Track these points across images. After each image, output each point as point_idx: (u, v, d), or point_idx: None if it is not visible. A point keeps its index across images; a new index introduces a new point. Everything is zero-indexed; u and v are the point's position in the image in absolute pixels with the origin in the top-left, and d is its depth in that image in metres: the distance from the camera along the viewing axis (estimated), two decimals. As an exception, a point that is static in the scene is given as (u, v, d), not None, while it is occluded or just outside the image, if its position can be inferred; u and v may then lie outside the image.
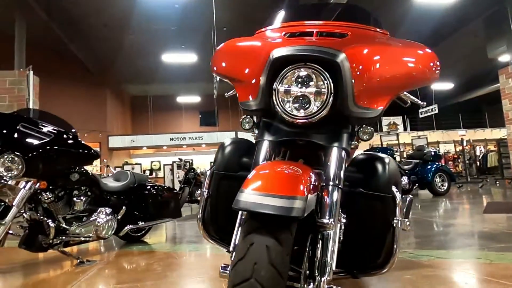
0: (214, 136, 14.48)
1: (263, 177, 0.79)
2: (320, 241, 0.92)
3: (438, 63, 1.24)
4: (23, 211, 2.54)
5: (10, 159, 2.39)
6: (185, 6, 9.12)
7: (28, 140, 2.49)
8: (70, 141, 2.72)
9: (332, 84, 1.00)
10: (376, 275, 1.22)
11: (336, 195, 0.99)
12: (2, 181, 2.48)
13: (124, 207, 3.21)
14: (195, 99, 17.07)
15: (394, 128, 17.85)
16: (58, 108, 11.13)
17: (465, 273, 1.92)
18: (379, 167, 1.19)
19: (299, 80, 1.02)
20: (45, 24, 9.19)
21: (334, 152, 1.06)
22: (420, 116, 13.82)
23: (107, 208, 2.97)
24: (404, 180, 7.20)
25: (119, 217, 3.11)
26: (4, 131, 2.49)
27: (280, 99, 1.03)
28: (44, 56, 10.73)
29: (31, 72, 7.56)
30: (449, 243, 2.76)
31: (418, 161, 7.55)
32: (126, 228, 3.20)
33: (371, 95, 1.09)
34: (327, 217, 0.93)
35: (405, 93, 1.47)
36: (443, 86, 16.53)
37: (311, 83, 1.01)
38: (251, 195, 0.71)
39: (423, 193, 7.70)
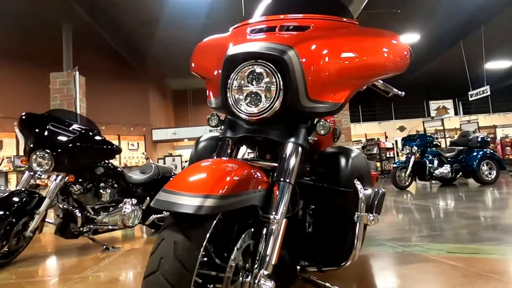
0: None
1: (185, 176, 0.84)
2: (264, 236, 0.95)
3: (406, 51, 1.19)
4: (56, 202, 2.82)
5: (41, 155, 2.65)
6: (216, 0, 9.26)
7: (56, 138, 2.74)
8: (93, 138, 2.95)
9: (281, 81, 1.01)
10: (338, 269, 1.22)
11: (285, 191, 1.00)
12: (36, 175, 2.78)
13: (148, 198, 3.41)
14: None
15: (444, 112, 16.70)
16: (104, 104, 11.96)
17: (466, 270, 1.82)
18: (341, 161, 1.17)
19: (251, 77, 1.04)
20: (89, 26, 9.81)
21: (288, 148, 1.07)
22: (470, 99, 12.79)
23: (132, 199, 3.18)
24: (446, 168, 6.80)
25: (144, 207, 3.32)
26: (37, 130, 2.77)
27: (234, 97, 1.06)
28: (90, 56, 11.48)
29: (77, 72, 8.18)
30: (473, 236, 2.60)
31: (462, 148, 7.06)
32: (151, 217, 3.40)
33: (327, 88, 1.09)
34: (273, 213, 0.96)
35: (381, 82, 1.42)
36: (498, 65, 15.12)
37: (262, 80, 1.03)
38: (167, 194, 0.76)
39: (471, 181, 7.20)
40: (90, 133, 2.96)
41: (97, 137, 3.01)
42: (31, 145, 2.70)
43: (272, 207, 0.98)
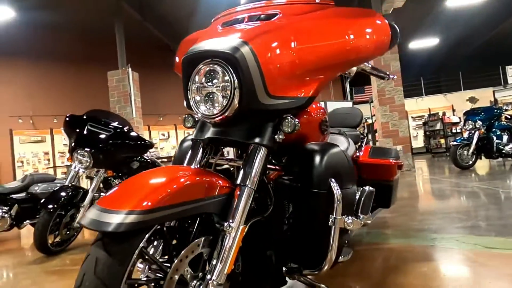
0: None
1: (118, 191, 0.84)
2: (220, 243, 0.93)
3: (386, 31, 1.06)
4: (98, 195, 3.08)
5: (81, 154, 2.90)
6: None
7: (94, 137, 2.97)
8: (126, 135, 3.14)
9: (235, 79, 0.96)
10: (313, 274, 1.15)
11: (244, 197, 0.96)
12: (80, 171, 3.05)
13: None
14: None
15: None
16: (159, 97, 12.63)
17: (497, 270, 1.59)
18: (315, 159, 1.09)
19: (208, 77, 1.01)
20: (139, 23, 10.33)
21: (251, 149, 1.02)
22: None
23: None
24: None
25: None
26: (77, 130, 3.03)
27: (194, 98, 1.04)
28: (143, 52, 12.11)
29: (130, 69, 8.72)
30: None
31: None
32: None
33: (290, 83, 1.01)
34: (230, 220, 0.93)
35: (368, 65, 1.27)
36: None
37: (218, 79, 0.99)
38: (94, 211, 0.77)
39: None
40: (123, 130, 3.15)
41: (131, 134, 3.19)
42: (73, 144, 2.96)
43: (227, 214, 0.94)
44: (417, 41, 13.64)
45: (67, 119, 3.12)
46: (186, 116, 1.23)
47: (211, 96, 1.01)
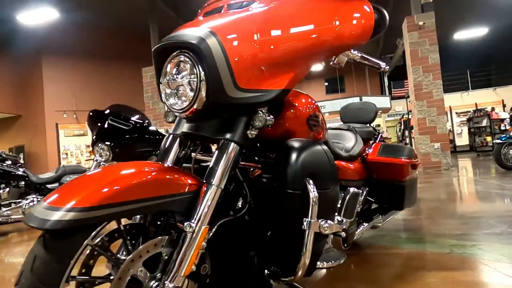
0: (337, 103, 13.96)
1: (66, 187, 0.82)
2: (181, 243, 0.89)
3: (368, 16, 0.96)
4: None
5: (101, 147, 3.01)
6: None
7: (113, 131, 3.06)
8: (145, 129, 3.20)
9: (201, 71, 0.91)
10: (285, 282, 1.07)
11: (209, 196, 0.92)
12: (101, 164, 3.17)
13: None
14: (318, 67, 16.72)
15: None
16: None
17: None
18: (290, 157, 1.01)
19: (177, 69, 0.97)
20: (174, 21, 10.57)
21: (220, 145, 0.97)
22: None
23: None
24: None
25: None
26: (99, 124, 3.14)
27: (164, 91, 1.01)
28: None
29: (163, 65, 8.94)
30: None
31: None
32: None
33: (261, 74, 0.95)
34: (192, 220, 0.89)
35: (358, 54, 1.16)
36: None
37: (186, 72, 0.95)
38: (40, 207, 0.76)
39: None
40: (143, 125, 3.21)
41: (149, 128, 3.25)
42: (94, 138, 3.08)
43: (190, 213, 0.90)
44: (463, 31, 12.72)
45: (90, 114, 3.25)
46: (167, 110, 1.20)
47: (180, 89, 0.97)
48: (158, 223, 0.97)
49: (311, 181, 0.99)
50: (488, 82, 15.32)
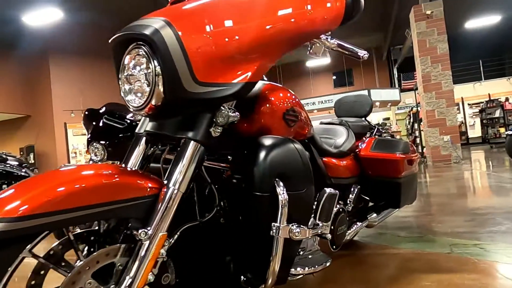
0: (345, 97, 13.75)
1: (7, 192, 0.76)
2: (136, 253, 0.83)
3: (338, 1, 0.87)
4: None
5: (96, 147, 2.97)
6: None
7: (107, 130, 3.02)
8: (139, 128, 3.16)
9: (156, 64, 0.84)
10: None
11: (167, 201, 0.85)
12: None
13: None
14: (325, 60, 16.50)
15: None
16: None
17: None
18: (257, 157, 0.93)
19: (133, 63, 0.90)
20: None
21: (181, 145, 0.90)
22: None
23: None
24: None
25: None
26: (94, 123, 3.10)
27: (123, 87, 0.94)
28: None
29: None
30: None
31: None
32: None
33: (223, 66, 0.87)
34: (147, 227, 0.82)
35: (334, 41, 1.07)
36: None
37: (142, 65, 0.88)
38: None
39: None
40: (138, 123, 3.16)
41: (144, 126, 3.21)
42: (89, 137, 3.04)
43: (146, 220, 0.83)
44: (474, 19, 12.32)
45: (86, 112, 3.20)
46: None
47: (137, 84, 0.90)
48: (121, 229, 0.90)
49: (280, 182, 0.90)
50: (501, 72, 14.86)
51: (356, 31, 14.07)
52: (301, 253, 1.29)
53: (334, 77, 18.38)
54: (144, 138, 1.05)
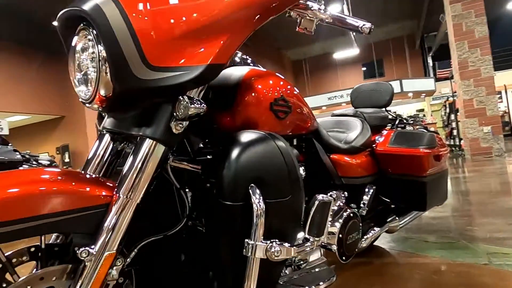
0: (375, 89, 13.14)
1: None
2: (79, 274, 0.69)
3: None
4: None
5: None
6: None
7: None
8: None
9: (101, 47, 0.69)
10: None
11: (117, 212, 0.70)
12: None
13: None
14: (354, 51, 15.91)
15: None
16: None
17: None
18: (228, 158, 0.76)
19: (80, 47, 0.76)
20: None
21: (137, 144, 0.75)
22: None
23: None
24: None
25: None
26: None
27: (72, 75, 0.80)
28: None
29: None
30: None
31: None
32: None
33: (181, 46, 0.72)
34: (92, 245, 0.68)
35: (328, 13, 0.86)
36: None
37: (89, 50, 0.74)
38: None
39: None
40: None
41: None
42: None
43: (92, 236, 0.69)
44: (518, -1, 11.31)
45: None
46: None
47: (88, 72, 0.76)
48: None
49: (256, 189, 0.73)
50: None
51: (386, 19, 13.42)
52: (302, 266, 1.11)
53: (364, 69, 17.74)
54: (107, 136, 0.91)
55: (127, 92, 0.72)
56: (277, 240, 0.73)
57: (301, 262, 1.12)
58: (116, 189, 0.73)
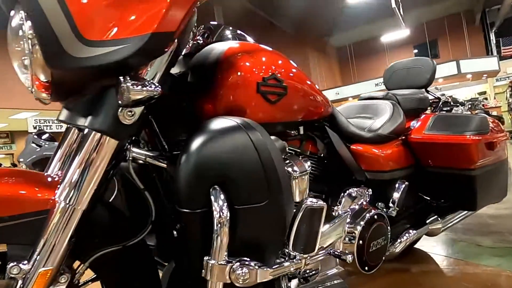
0: (427, 72, 12.11)
1: None
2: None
3: None
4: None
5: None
6: None
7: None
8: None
9: (30, 23, 0.58)
10: None
11: (55, 220, 0.59)
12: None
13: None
14: (403, 33, 14.80)
15: None
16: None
17: None
18: (184, 153, 0.60)
19: (15, 27, 0.65)
20: (242, 5, 10.48)
21: (81, 139, 0.63)
22: None
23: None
24: None
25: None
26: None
27: (13, 59, 0.70)
28: (241, 31, 12.26)
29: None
30: None
31: None
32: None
33: (119, 14, 0.58)
34: (24, 260, 0.58)
35: None
36: None
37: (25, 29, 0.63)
38: None
39: None
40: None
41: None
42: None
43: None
44: None
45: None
46: None
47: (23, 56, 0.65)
48: None
49: (220, 193, 0.56)
50: None
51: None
52: (312, 273, 0.93)
53: (415, 51, 16.49)
54: (74, 129, 0.79)
55: (65, 75, 0.60)
56: (247, 259, 0.56)
57: (312, 272, 0.94)
58: (57, 194, 0.61)
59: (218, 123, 0.63)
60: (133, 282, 0.71)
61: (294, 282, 0.90)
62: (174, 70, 0.91)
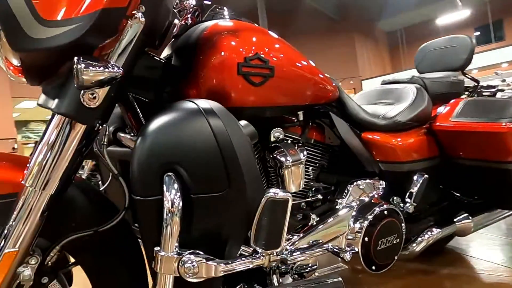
0: (489, 56, 10.96)
1: None
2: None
3: None
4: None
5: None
6: None
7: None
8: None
9: None
10: None
11: (21, 204, 0.60)
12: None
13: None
14: (463, 14, 13.55)
15: None
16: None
17: None
18: (142, 140, 0.57)
19: None
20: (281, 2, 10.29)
21: (50, 123, 0.63)
22: None
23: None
24: None
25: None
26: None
27: None
28: (286, 19, 11.99)
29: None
30: None
31: None
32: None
33: None
34: None
35: None
36: None
37: None
38: None
39: None
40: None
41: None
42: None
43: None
44: None
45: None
46: None
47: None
48: None
49: (174, 180, 0.53)
50: None
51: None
52: (308, 269, 0.87)
53: (477, 33, 15.03)
54: None
55: (29, 57, 0.60)
56: (200, 253, 0.52)
57: (308, 268, 0.88)
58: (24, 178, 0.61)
59: (178, 107, 0.59)
60: (113, 264, 0.70)
61: (288, 277, 0.85)
62: (164, 54, 0.88)
